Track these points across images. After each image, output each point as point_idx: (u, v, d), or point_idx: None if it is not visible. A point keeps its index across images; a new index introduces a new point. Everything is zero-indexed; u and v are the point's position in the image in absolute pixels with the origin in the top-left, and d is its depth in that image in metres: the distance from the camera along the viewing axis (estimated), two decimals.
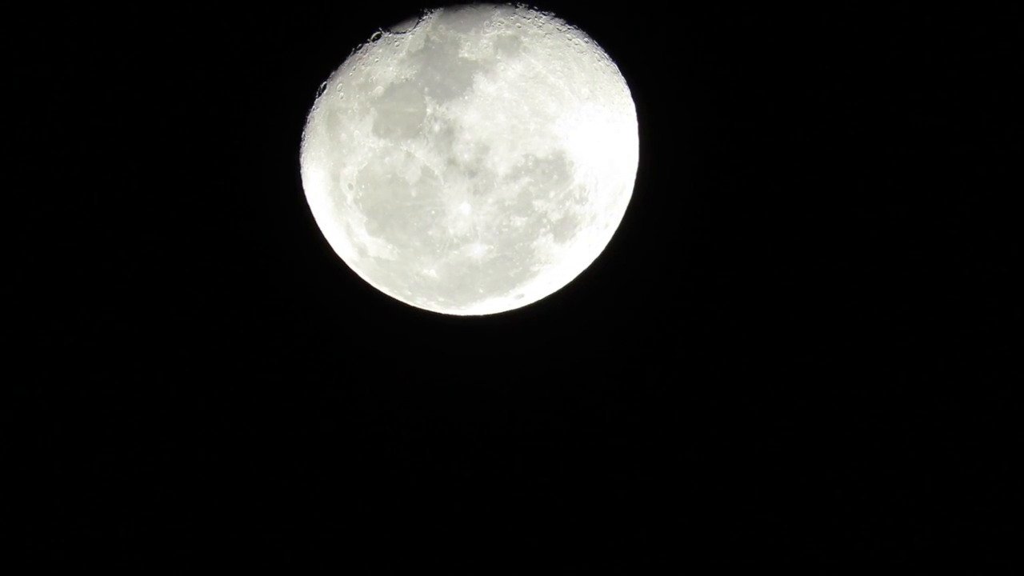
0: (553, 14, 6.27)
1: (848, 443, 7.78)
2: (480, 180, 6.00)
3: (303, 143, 6.57)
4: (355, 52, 6.27)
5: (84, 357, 7.65)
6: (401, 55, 6.10)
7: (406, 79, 6.04)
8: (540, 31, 6.19)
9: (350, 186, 6.26)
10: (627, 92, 6.57)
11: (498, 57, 6.03)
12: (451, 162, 5.97)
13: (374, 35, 6.20)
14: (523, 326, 7.14)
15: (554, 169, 6.09)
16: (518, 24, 6.14)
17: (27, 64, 6.84)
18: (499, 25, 6.11)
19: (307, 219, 6.77)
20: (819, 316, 7.69)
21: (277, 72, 6.79)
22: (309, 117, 6.50)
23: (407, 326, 7.21)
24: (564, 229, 6.36)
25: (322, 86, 6.43)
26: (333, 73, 6.36)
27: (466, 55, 6.02)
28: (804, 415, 7.88)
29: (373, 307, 7.01)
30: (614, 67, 6.50)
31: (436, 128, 5.95)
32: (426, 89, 5.99)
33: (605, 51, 6.45)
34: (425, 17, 6.12)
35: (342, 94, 6.28)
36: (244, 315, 7.48)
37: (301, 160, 6.64)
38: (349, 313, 7.41)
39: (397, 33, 6.14)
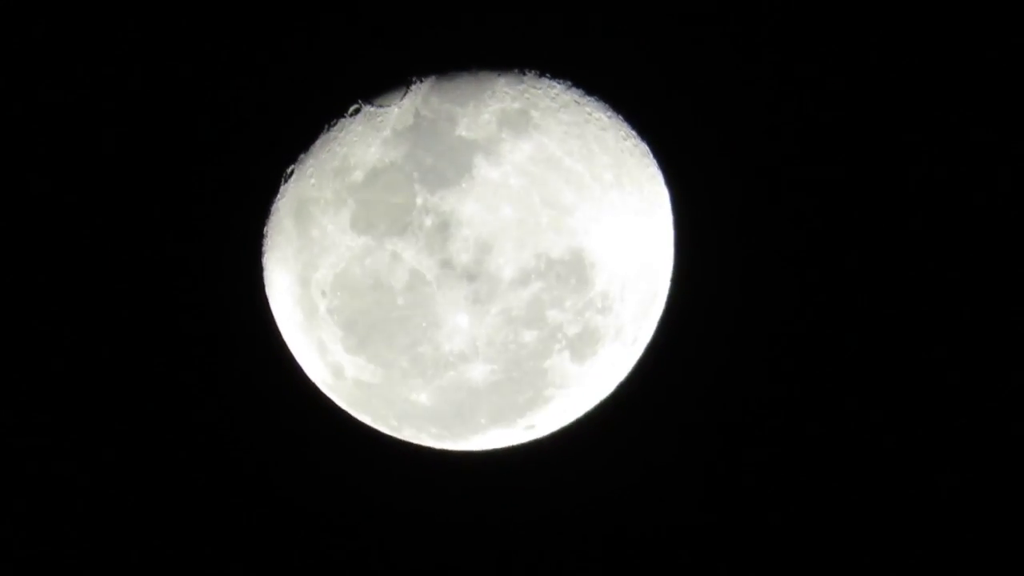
0: (569, 83, 5.99)
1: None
2: (481, 286, 5.68)
3: (266, 241, 6.30)
4: (329, 129, 6.01)
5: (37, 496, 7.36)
6: (385, 133, 5.80)
7: (391, 162, 5.75)
8: (553, 104, 5.90)
9: (323, 293, 5.94)
10: (659, 178, 6.27)
11: (503, 136, 5.73)
12: (446, 264, 5.65)
13: (352, 109, 5.92)
14: (534, 464, 6.77)
15: (571, 272, 5.76)
16: (527, 95, 5.86)
17: None
18: (504, 97, 5.83)
19: (271, 334, 6.44)
20: (880, 443, 7.37)
21: (233, 154, 6.39)
22: (273, 209, 6.22)
23: (393, 464, 6.83)
24: (583, 346, 6.03)
25: (289, 171, 6.15)
26: (302, 155, 6.09)
27: (464, 133, 5.73)
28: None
29: (352, 441, 6.64)
30: (643, 148, 6.21)
31: (428, 222, 5.64)
32: (415, 175, 5.69)
33: (632, 128, 6.18)
34: (414, 87, 5.82)
35: (313, 181, 6.00)
36: (200, 451, 7.06)
37: (264, 262, 6.36)
38: (323, 448, 7.00)
39: (380, 106, 5.86)
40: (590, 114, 6.01)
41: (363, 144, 5.86)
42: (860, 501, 7.42)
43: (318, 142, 6.04)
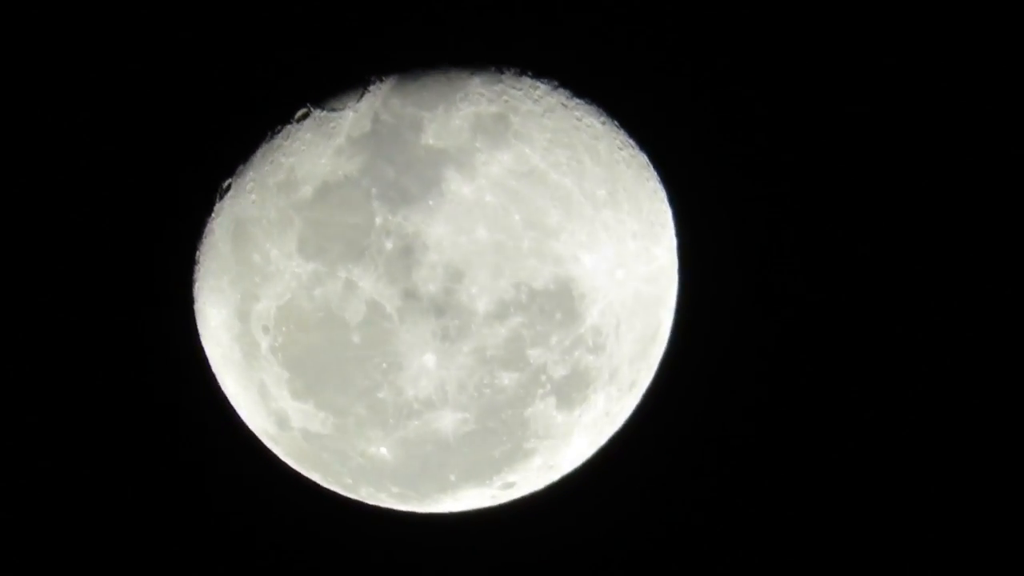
0: (556, 83, 5.69)
1: None
2: (451, 320, 5.39)
3: (198, 268, 6.02)
4: (272, 137, 5.69)
5: None
6: (338, 141, 5.49)
7: (345, 176, 5.43)
8: (537, 107, 5.59)
9: (266, 329, 5.64)
10: (661, 194, 6.01)
11: (477, 145, 5.43)
12: (410, 295, 5.34)
13: (300, 113, 5.62)
14: (512, 530, 6.57)
15: (557, 305, 5.46)
16: (505, 98, 5.55)
17: None
18: (478, 99, 5.52)
19: (203, 378, 6.15)
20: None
21: (159, 165, 6.04)
22: (207, 230, 5.93)
23: (348, 529, 6.67)
24: (571, 390, 5.73)
25: (225, 185, 5.85)
26: (241, 167, 5.78)
27: (431, 142, 5.41)
28: None
29: (299, 502, 6.44)
30: (642, 159, 5.94)
31: (388, 246, 5.33)
32: (374, 191, 5.36)
33: (629, 136, 5.90)
34: (372, 87, 5.52)
35: (254, 197, 5.68)
36: (121, 512, 6.70)
37: (195, 292, 6.09)
38: (265, 511, 6.73)
39: (332, 110, 5.55)
40: (580, 119, 5.73)
41: (312, 154, 5.55)
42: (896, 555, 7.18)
43: (259, 152, 5.73)
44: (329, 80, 5.66)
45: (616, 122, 5.92)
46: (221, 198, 5.89)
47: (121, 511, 6.67)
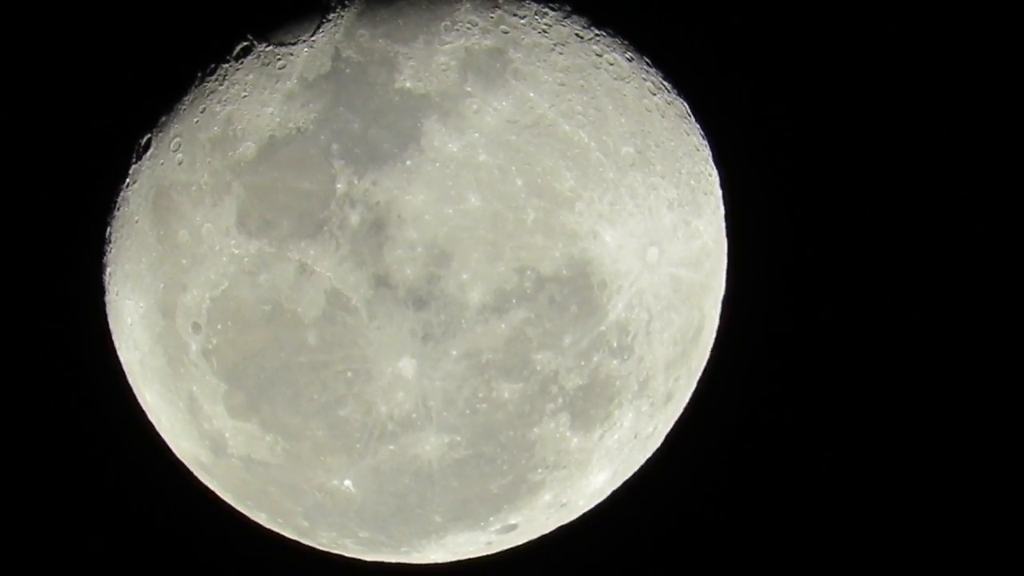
0: (568, 8, 4.96)
1: None
2: (435, 316, 4.66)
3: (109, 248, 5.29)
4: (204, 80, 4.92)
5: None
6: (289, 84, 4.72)
7: (298, 129, 4.66)
8: (545, 39, 4.84)
9: (196, 327, 4.90)
10: (706, 152, 5.30)
11: (467, 88, 4.67)
12: (381, 282, 4.61)
13: (240, 48, 4.84)
14: None
15: (572, 295, 4.73)
16: (503, 27, 4.80)
17: None
18: (468, 29, 4.77)
19: (116, 388, 5.40)
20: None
21: (61, 117, 5.23)
22: (119, 199, 5.15)
23: None
24: (590, 406, 4.97)
25: (143, 141, 5.07)
26: (163, 118, 5.00)
27: (408, 85, 4.66)
28: None
29: (239, 548, 5.76)
30: (681, 106, 5.21)
31: (354, 219, 4.61)
32: (335, 147, 4.62)
33: (664, 77, 5.16)
34: (334, 15, 4.79)
35: (180, 157, 4.91)
36: (27, 557, 5.74)
37: (105, 280, 5.36)
38: (196, 559, 5.84)
39: (280, 44, 4.77)
40: (600, 56, 4.97)
41: (255, 101, 4.75)
42: None
43: (187, 98, 4.95)
44: (277, 5, 4.93)
45: (647, 59, 5.20)
46: (138, 159, 5.12)
47: (17, 558, 5.75)
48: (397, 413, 4.82)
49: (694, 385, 5.65)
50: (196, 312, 4.90)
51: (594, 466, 5.36)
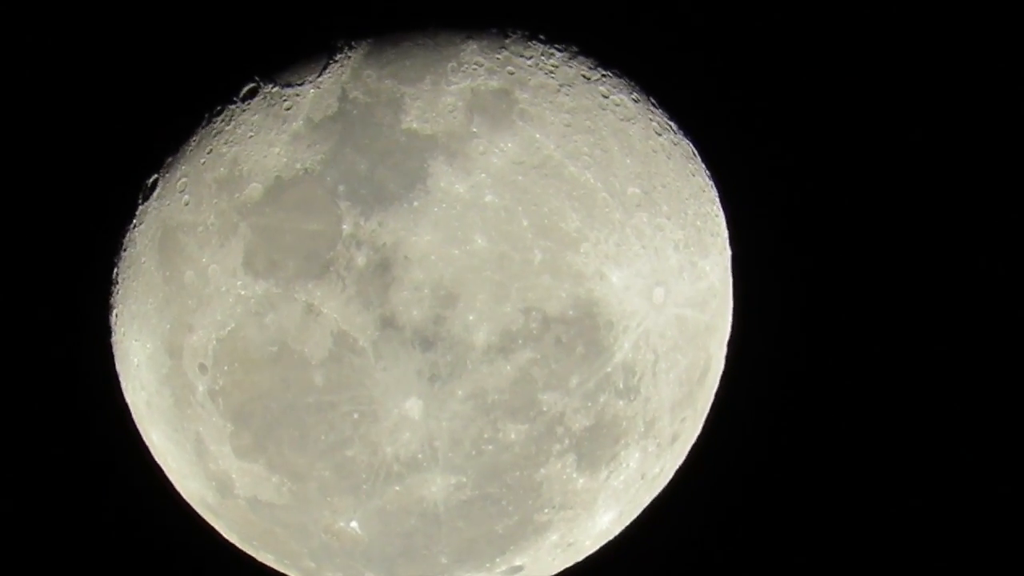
0: (576, 49, 4.97)
1: None
2: (442, 356, 4.64)
3: (116, 290, 5.28)
4: (211, 120, 4.93)
5: None
6: (295, 126, 4.73)
7: (305, 170, 4.67)
8: (552, 80, 4.86)
9: (203, 368, 4.88)
10: (712, 193, 5.32)
11: (474, 129, 4.69)
12: (388, 323, 4.60)
13: (246, 89, 4.88)
14: None
15: (578, 336, 4.72)
16: (510, 68, 4.83)
17: None
18: (475, 70, 4.80)
19: (123, 429, 5.39)
20: None
21: (68, 157, 5.27)
22: (126, 240, 5.18)
23: None
24: (596, 447, 4.97)
25: (150, 182, 5.10)
26: (170, 159, 5.03)
27: (415, 125, 4.66)
28: None
29: None
30: (687, 147, 5.22)
31: (360, 261, 4.61)
32: (341, 188, 4.63)
33: (670, 118, 5.18)
34: (340, 56, 4.81)
35: (187, 198, 4.93)
36: None
37: (112, 321, 5.36)
38: None
39: (287, 85, 4.82)
40: (606, 96, 4.97)
41: (262, 142, 4.77)
42: None
43: (194, 139, 4.97)
44: (284, 48, 4.93)
45: (653, 100, 5.21)
46: (145, 200, 5.15)
47: None
48: (403, 454, 4.84)
49: (700, 426, 5.66)
50: (203, 353, 4.91)
51: (600, 507, 5.35)
